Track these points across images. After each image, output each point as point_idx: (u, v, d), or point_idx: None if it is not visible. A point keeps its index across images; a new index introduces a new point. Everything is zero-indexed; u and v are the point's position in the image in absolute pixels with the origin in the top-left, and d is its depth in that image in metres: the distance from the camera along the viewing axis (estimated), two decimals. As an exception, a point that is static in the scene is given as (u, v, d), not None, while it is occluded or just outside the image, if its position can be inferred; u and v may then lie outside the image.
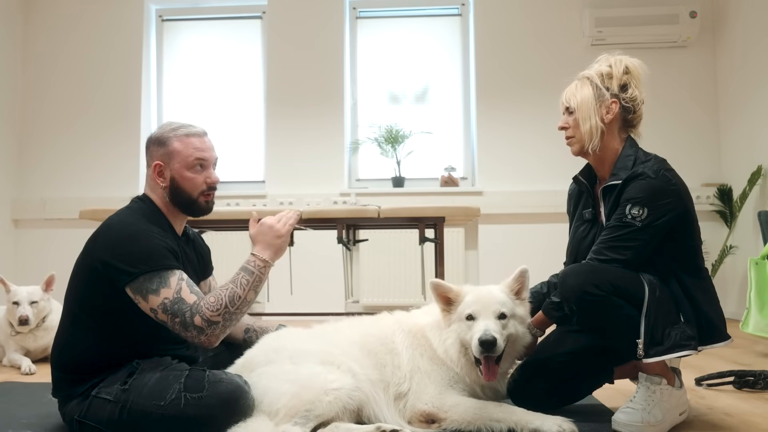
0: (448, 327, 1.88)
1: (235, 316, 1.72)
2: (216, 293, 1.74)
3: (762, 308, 3.06)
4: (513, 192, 5.15)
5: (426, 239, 3.47)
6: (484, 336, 1.75)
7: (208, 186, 1.90)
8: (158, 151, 1.89)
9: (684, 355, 1.72)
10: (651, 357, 1.71)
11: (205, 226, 3.55)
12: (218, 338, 1.71)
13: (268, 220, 1.88)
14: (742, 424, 1.87)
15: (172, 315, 1.68)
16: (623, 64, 1.95)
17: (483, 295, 1.87)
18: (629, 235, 1.79)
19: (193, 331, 1.68)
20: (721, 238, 4.89)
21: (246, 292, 1.75)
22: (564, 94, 2.00)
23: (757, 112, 4.65)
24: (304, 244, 4.28)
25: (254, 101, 5.55)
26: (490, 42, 5.30)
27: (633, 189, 1.81)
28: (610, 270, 1.76)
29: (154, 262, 1.71)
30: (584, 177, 2.06)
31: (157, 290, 1.68)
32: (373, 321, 2.05)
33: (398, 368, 1.86)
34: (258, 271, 1.78)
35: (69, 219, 5.07)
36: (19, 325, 2.96)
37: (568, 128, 1.98)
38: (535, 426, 1.68)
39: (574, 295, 1.73)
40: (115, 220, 1.83)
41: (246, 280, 1.76)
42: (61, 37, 5.53)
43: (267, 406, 1.64)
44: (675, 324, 1.74)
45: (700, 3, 5.11)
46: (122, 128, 5.41)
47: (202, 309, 1.69)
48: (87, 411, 1.72)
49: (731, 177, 4.96)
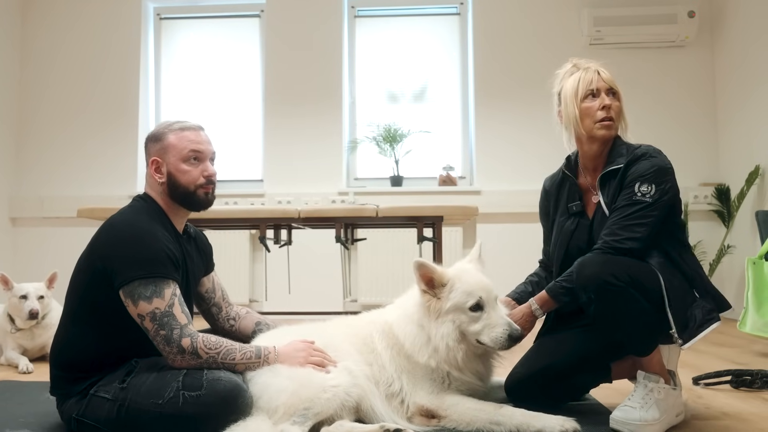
0: (437, 318, 1.81)
1: (215, 365, 1.70)
2: (220, 339, 1.74)
3: (759, 308, 3.06)
4: (511, 191, 5.15)
5: (424, 238, 3.48)
6: (515, 333, 1.76)
7: (206, 179, 1.89)
8: (154, 147, 1.89)
9: (713, 327, 1.76)
10: (687, 341, 1.73)
11: (202, 225, 3.55)
12: (186, 366, 1.69)
13: (306, 349, 1.79)
14: (739, 423, 1.88)
15: (159, 326, 1.67)
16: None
17: (481, 281, 1.84)
18: (641, 212, 1.81)
19: (174, 347, 1.67)
20: (718, 238, 4.89)
21: (240, 362, 1.73)
22: (603, 75, 1.98)
23: (755, 112, 4.66)
24: (303, 243, 4.28)
25: (252, 100, 5.54)
26: (489, 41, 5.30)
27: (640, 167, 1.86)
28: (626, 261, 1.77)
29: (153, 268, 1.70)
30: (568, 170, 2.08)
31: (150, 298, 1.68)
32: (355, 321, 2.04)
33: (384, 368, 1.85)
34: (264, 359, 1.76)
35: (67, 217, 5.06)
36: (29, 319, 2.95)
37: (609, 108, 1.94)
38: (538, 428, 1.67)
39: (594, 284, 1.73)
40: (119, 219, 1.82)
41: (250, 356, 1.74)
42: (59, 35, 5.52)
43: (265, 403, 1.64)
44: (694, 302, 1.77)
45: (698, 3, 5.11)
46: (120, 126, 5.40)
47: (197, 338, 1.69)
48: (85, 409, 1.72)
49: (729, 177, 4.97)
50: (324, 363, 1.75)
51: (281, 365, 1.73)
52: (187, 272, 1.90)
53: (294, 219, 3.54)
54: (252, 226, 3.91)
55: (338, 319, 2.09)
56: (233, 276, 4.65)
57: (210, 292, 2.11)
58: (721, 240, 4.86)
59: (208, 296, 2.10)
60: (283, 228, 3.73)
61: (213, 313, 2.12)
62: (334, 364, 1.76)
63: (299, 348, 1.78)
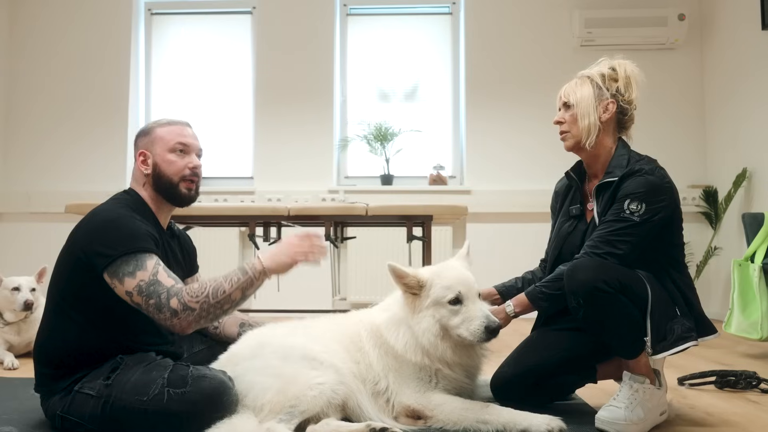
0: (419, 313, 1.82)
1: (215, 309, 1.67)
2: (202, 282, 1.71)
3: (744, 309, 3.09)
4: (501, 191, 5.17)
5: (414, 237, 3.48)
6: (491, 324, 1.76)
7: (191, 171, 1.90)
8: (143, 141, 1.93)
9: (687, 347, 1.77)
10: (658, 353, 1.75)
11: (191, 221, 3.54)
12: (190, 326, 1.65)
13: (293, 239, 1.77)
14: (723, 424, 1.90)
15: (147, 296, 1.65)
16: (626, 69, 1.99)
17: (461, 275, 1.86)
18: (627, 230, 1.82)
19: (166, 312, 1.63)
20: (706, 240, 4.94)
21: (233, 290, 1.69)
22: (563, 90, 2.02)
23: (742, 116, 4.70)
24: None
25: (243, 97, 5.52)
26: (480, 41, 5.31)
27: (632, 184, 1.85)
28: (616, 267, 1.78)
29: (132, 243, 1.69)
30: (575, 174, 2.09)
31: (134, 273, 1.66)
32: (343, 319, 2.04)
33: (370, 366, 1.85)
34: (252, 274, 1.71)
35: (54, 213, 5.01)
36: (23, 310, 2.95)
37: (563, 123, 2.00)
38: (524, 427, 1.67)
39: (584, 290, 1.74)
40: (99, 209, 1.83)
41: (237, 278, 1.71)
42: (48, 29, 5.47)
43: (251, 401, 1.63)
44: (674, 318, 1.79)
45: (688, 6, 5.15)
46: (110, 122, 5.36)
47: (181, 292, 1.65)
48: (69, 406, 1.70)
49: (717, 179, 5.01)
50: (313, 249, 1.73)
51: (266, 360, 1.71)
52: (169, 264, 1.89)
53: (284, 217, 3.53)
54: (242, 223, 3.90)
55: (327, 317, 2.09)
56: (222, 273, 4.63)
57: None
58: (708, 242, 4.90)
59: None
60: (273, 226, 3.72)
61: None
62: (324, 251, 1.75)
63: (283, 244, 1.75)
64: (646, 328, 1.75)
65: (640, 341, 1.78)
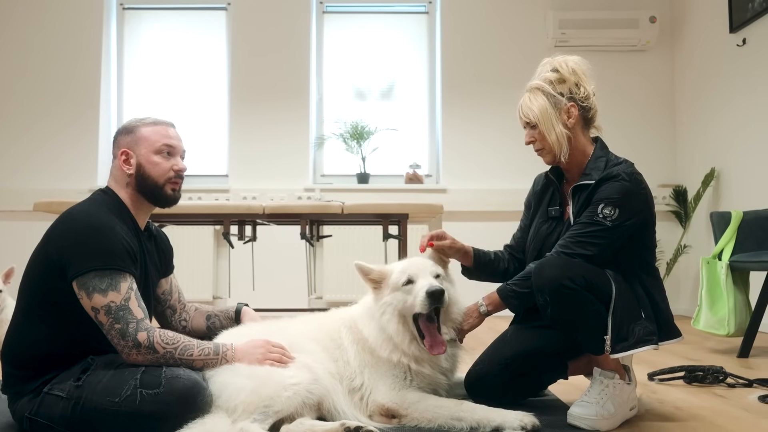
0: (381, 301, 1.87)
1: (172, 362, 1.67)
2: (177, 334, 1.72)
3: (712, 306, 3.16)
4: (477, 190, 5.21)
5: (390, 236, 3.49)
6: (431, 288, 1.77)
7: (176, 173, 1.87)
8: (125, 139, 1.87)
9: (646, 349, 1.79)
10: (617, 352, 1.76)
11: (165, 220, 3.49)
12: (139, 361, 1.65)
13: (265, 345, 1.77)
14: (691, 418, 1.94)
15: (114, 320, 1.63)
16: (568, 65, 1.96)
17: (415, 261, 1.93)
18: (598, 233, 1.84)
19: (129, 341, 1.63)
20: (675, 238, 5.04)
21: (198, 358, 1.70)
22: (520, 110, 2.00)
23: (711, 116, 4.80)
24: (267, 239, 4.24)
25: (218, 94, 5.47)
26: (456, 41, 5.34)
27: (607, 189, 1.86)
28: (583, 265, 1.80)
29: (109, 260, 1.66)
30: (553, 175, 2.10)
31: (105, 291, 1.64)
32: (322, 317, 2.06)
33: (348, 363, 1.86)
34: (222, 357, 1.73)
35: (22, 211, 4.90)
36: None
37: (534, 141, 1.99)
38: (497, 423, 1.68)
39: (550, 287, 1.76)
40: (77, 210, 1.78)
41: (208, 352, 1.72)
42: (18, 23, 5.34)
43: (225, 402, 1.62)
44: (637, 320, 1.80)
45: (659, 9, 5.25)
46: (80, 118, 5.26)
47: (153, 333, 1.65)
48: (38, 408, 1.67)
49: (686, 178, 5.12)
50: (283, 360, 1.74)
51: (239, 363, 1.71)
52: (146, 269, 1.86)
53: (259, 215, 3.51)
54: (216, 221, 3.86)
55: (307, 315, 2.09)
56: (197, 272, 4.58)
57: (167, 293, 2.07)
58: (678, 240, 5.00)
59: (164, 298, 2.06)
60: (248, 224, 3.69)
61: (167, 315, 2.08)
62: (293, 359, 1.75)
63: (257, 345, 1.76)
64: (607, 327, 1.77)
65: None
